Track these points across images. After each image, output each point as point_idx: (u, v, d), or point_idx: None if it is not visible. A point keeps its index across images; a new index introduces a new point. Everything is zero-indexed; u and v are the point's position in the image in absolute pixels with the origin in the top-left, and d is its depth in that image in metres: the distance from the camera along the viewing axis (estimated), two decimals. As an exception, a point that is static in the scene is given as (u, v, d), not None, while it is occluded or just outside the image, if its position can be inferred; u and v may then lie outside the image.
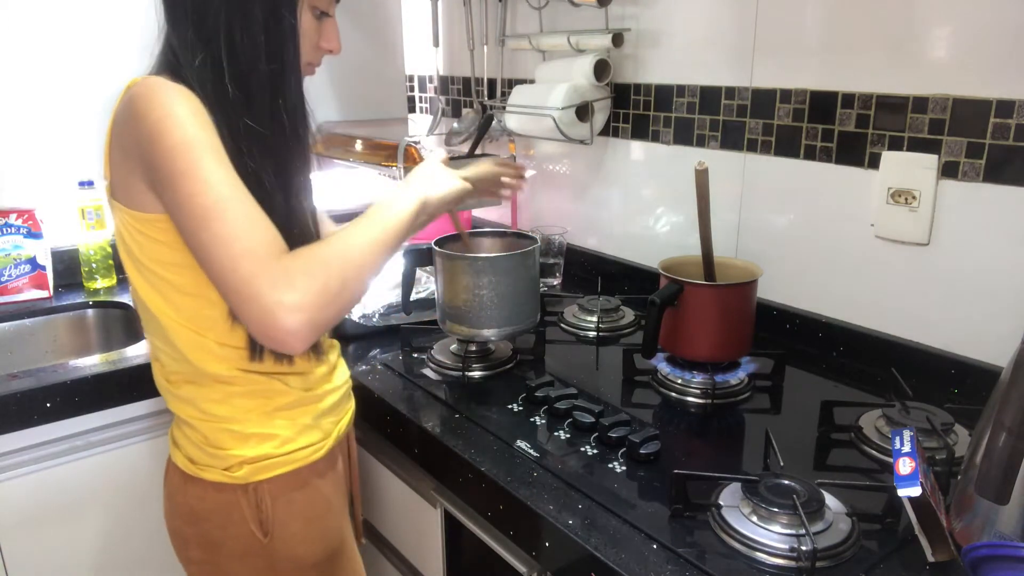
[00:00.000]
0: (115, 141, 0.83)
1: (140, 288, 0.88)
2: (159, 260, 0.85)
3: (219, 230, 0.75)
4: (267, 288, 0.74)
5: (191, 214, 0.76)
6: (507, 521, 0.94)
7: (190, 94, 0.80)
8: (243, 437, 0.92)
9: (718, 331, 1.13)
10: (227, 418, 0.92)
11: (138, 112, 0.78)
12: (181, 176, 0.76)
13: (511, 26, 1.77)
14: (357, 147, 1.81)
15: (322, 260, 0.79)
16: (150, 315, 0.89)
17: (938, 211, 1.11)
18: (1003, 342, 0.88)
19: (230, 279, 0.75)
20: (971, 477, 0.76)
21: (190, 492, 0.94)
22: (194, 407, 0.92)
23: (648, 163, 1.54)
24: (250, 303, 0.75)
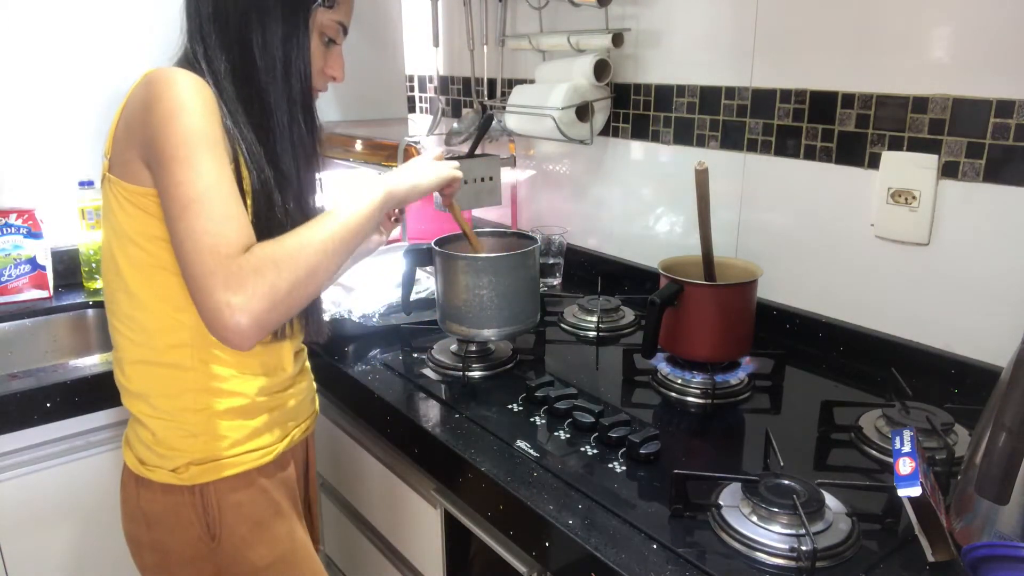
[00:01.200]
0: (123, 119, 0.86)
1: (121, 261, 0.89)
2: (146, 233, 0.86)
3: (193, 222, 0.79)
4: (220, 286, 0.77)
5: (175, 201, 0.80)
6: (507, 521, 0.94)
7: (207, 87, 0.84)
8: (191, 435, 0.92)
9: (718, 331, 1.13)
10: (178, 413, 0.92)
11: (154, 93, 0.81)
12: (176, 162, 0.80)
13: (511, 26, 1.77)
14: (357, 147, 1.81)
15: (274, 260, 0.81)
16: (125, 290, 0.89)
17: (938, 211, 1.11)
18: (1003, 342, 0.88)
19: (191, 271, 0.79)
20: (971, 477, 0.76)
21: (142, 495, 0.94)
22: (146, 402, 0.92)
23: (648, 163, 1.54)
24: (203, 298, 0.78)
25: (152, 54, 1.69)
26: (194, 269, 0.78)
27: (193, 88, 0.83)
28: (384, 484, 1.27)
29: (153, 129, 0.81)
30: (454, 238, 1.30)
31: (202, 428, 0.92)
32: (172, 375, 0.91)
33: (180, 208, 0.80)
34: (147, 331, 0.90)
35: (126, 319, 0.91)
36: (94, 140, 1.69)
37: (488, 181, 1.62)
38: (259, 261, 0.80)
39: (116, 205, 0.87)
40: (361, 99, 2.08)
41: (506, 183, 1.84)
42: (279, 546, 1.00)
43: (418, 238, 1.70)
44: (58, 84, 1.64)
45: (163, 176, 0.81)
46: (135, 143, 0.84)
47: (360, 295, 1.39)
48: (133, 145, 0.84)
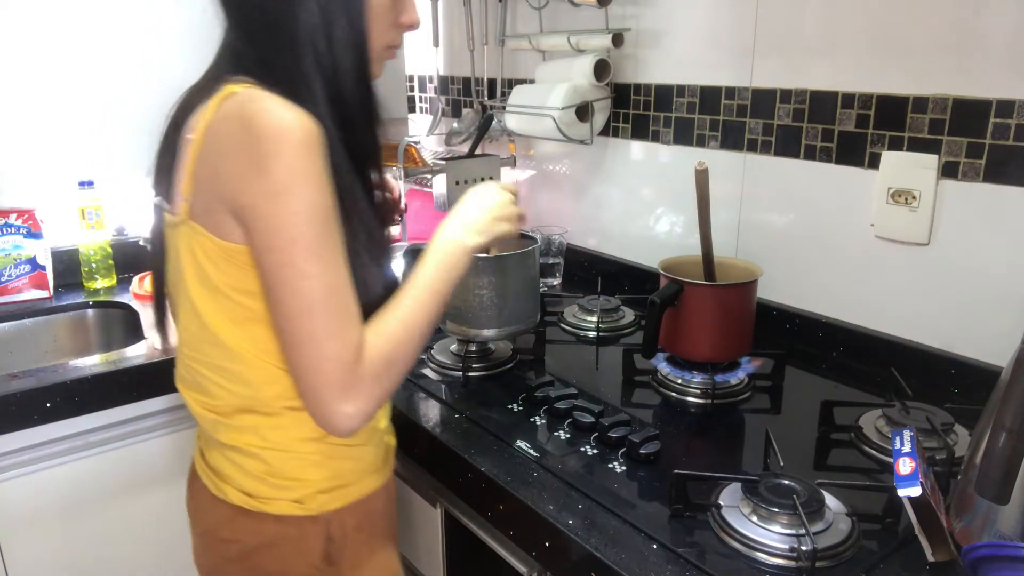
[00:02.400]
0: (209, 161, 0.74)
1: (208, 314, 0.80)
2: (242, 288, 0.78)
3: (317, 325, 0.72)
4: (338, 397, 0.74)
5: (295, 295, 0.72)
6: (507, 521, 0.94)
7: (316, 130, 0.72)
8: (314, 464, 0.86)
9: (718, 331, 1.13)
10: (296, 444, 0.85)
11: (264, 151, 0.70)
12: (296, 248, 0.71)
13: (511, 26, 1.77)
14: (357, 147, 1.81)
15: (388, 361, 0.77)
16: (214, 342, 0.81)
17: (938, 211, 1.11)
18: (1003, 342, 0.87)
19: (307, 375, 0.74)
20: (971, 477, 0.76)
21: (241, 527, 0.87)
22: (257, 435, 0.84)
23: (648, 163, 1.54)
24: (317, 404, 0.74)
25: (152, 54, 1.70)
26: (312, 376, 0.73)
27: (311, 144, 0.71)
28: (384, 484, 1.27)
29: (263, 199, 0.70)
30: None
31: (325, 456, 0.86)
32: (285, 414, 0.84)
33: (302, 306, 0.72)
34: (249, 384, 0.82)
35: (219, 370, 0.83)
36: (94, 140, 1.69)
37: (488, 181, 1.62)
38: (377, 366, 0.76)
39: (203, 256, 0.78)
40: (361, 99, 2.08)
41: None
42: (388, 564, 0.98)
43: (418, 238, 1.70)
44: (58, 84, 1.64)
45: (276, 258, 0.72)
46: (225, 195, 0.73)
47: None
48: (222, 197, 0.73)
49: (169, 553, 1.00)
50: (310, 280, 0.72)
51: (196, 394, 0.87)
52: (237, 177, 0.71)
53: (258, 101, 0.72)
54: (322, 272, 0.72)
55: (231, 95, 0.73)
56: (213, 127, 0.74)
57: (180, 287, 0.82)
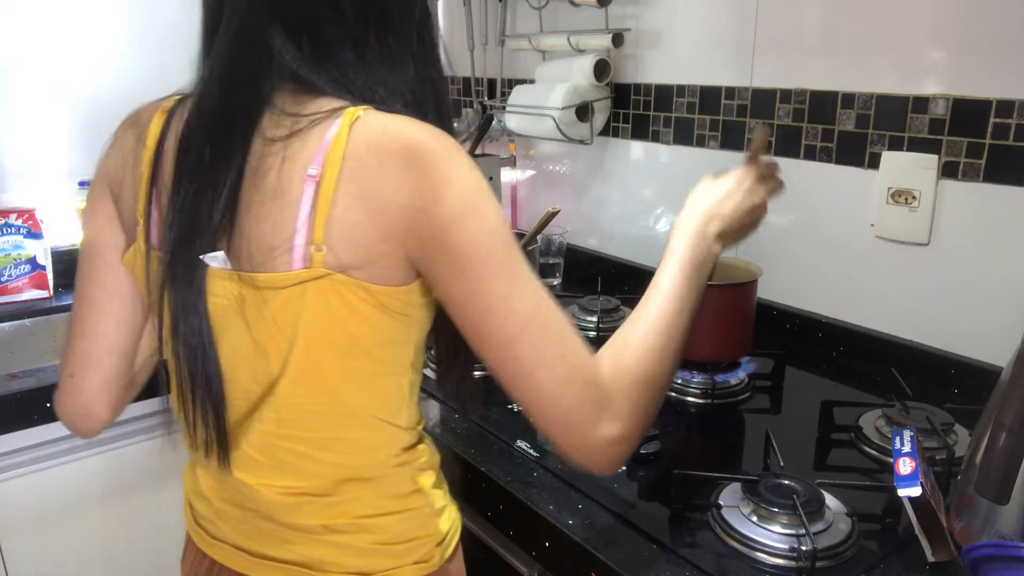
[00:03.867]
0: (357, 197, 0.63)
1: (337, 379, 0.69)
2: (384, 340, 0.69)
3: (537, 346, 0.63)
4: (591, 420, 0.64)
5: (503, 323, 0.64)
6: (507, 521, 0.94)
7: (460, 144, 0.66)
8: (430, 517, 0.77)
9: (718, 331, 1.13)
10: (414, 504, 0.76)
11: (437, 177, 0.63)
12: (490, 271, 0.63)
13: (511, 26, 1.77)
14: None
15: (642, 373, 0.67)
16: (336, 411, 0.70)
17: (938, 211, 1.11)
18: (1003, 342, 0.87)
19: (550, 405, 0.64)
20: (971, 477, 0.76)
21: None
22: (363, 504, 0.74)
23: (648, 163, 1.54)
24: (575, 435, 0.64)
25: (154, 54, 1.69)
26: (555, 405, 0.63)
27: (472, 162, 0.65)
28: (384, 484, 1.27)
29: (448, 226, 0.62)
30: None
31: (436, 505, 0.79)
32: (395, 472, 0.75)
33: (514, 330, 0.63)
34: (366, 450, 0.73)
35: (327, 442, 0.71)
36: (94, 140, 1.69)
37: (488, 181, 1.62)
38: (625, 382, 0.66)
39: (347, 313, 0.65)
40: (361, 99, 2.08)
41: (506, 183, 1.84)
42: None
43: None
44: (58, 84, 1.63)
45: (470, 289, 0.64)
46: (398, 235, 0.64)
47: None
48: (391, 236, 0.64)
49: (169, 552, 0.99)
50: (513, 301, 0.64)
51: (274, 479, 0.72)
52: (412, 211, 0.63)
53: (406, 126, 0.64)
54: (522, 291, 0.64)
55: (359, 121, 0.63)
56: (352, 161, 0.63)
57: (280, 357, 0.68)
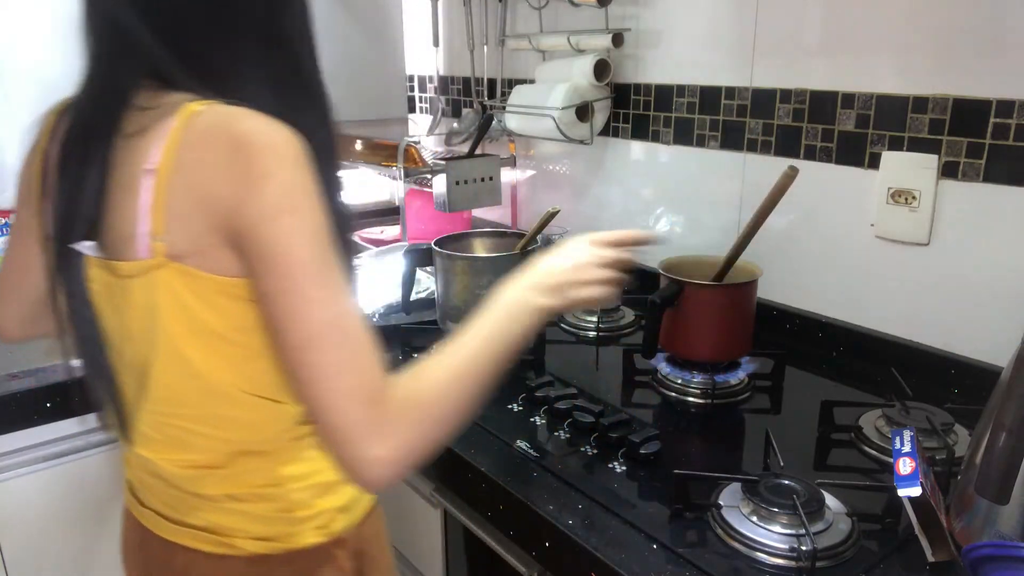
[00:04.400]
0: (187, 190, 0.66)
1: (203, 362, 0.71)
2: (241, 326, 0.70)
3: (328, 356, 0.64)
4: (363, 438, 0.64)
5: (301, 322, 0.64)
6: (507, 521, 0.94)
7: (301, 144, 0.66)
8: (331, 486, 0.81)
9: (718, 331, 1.13)
10: (311, 472, 0.79)
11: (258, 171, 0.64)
12: (300, 271, 0.64)
13: (511, 26, 1.77)
14: (357, 147, 1.81)
15: (428, 408, 0.69)
16: (206, 390, 0.73)
17: (938, 211, 1.11)
18: (1003, 342, 0.87)
19: (327, 415, 0.65)
20: (971, 477, 0.76)
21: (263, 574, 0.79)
22: (265, 475, 0.77)
23: (648, 163, 1.54)
24: (341, 446, 0.65)
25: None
26: (332, 416, 0.64)
27: (301, 159, 0.65)
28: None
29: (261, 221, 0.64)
30: (454, 238, 1.30)
31: (334, 475, 0.81)
32: (286, 447, 0.78)
33: (310, 335, 0.64)
34: (248, 426, 0.76)
35: (210, 419, 0.75)
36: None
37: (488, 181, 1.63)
38: (409, 408, 0.67)
39: (193, 299, 0.68)
40: (361, 99, 2.08)
41: (506, 183, 1.84)
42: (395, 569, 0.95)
43: (418, 238, 1.70)
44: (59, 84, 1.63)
45: (279, 284, 0.65)
46: (217, 224, 0.65)
47: (360, 295, 1.39)
48: (215, 227, 0.65)
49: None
50: (317, 307, 0.65)
51: (175, 453, 0.77)
52: (231, 202, 0.64)
53: (239, 118, 0.65)
54: (328, 298, 0.65)
55: (196, 114, 0.65)
56: (186, 152, 0.65)
57: (147, 342, 0.72)
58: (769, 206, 1.03)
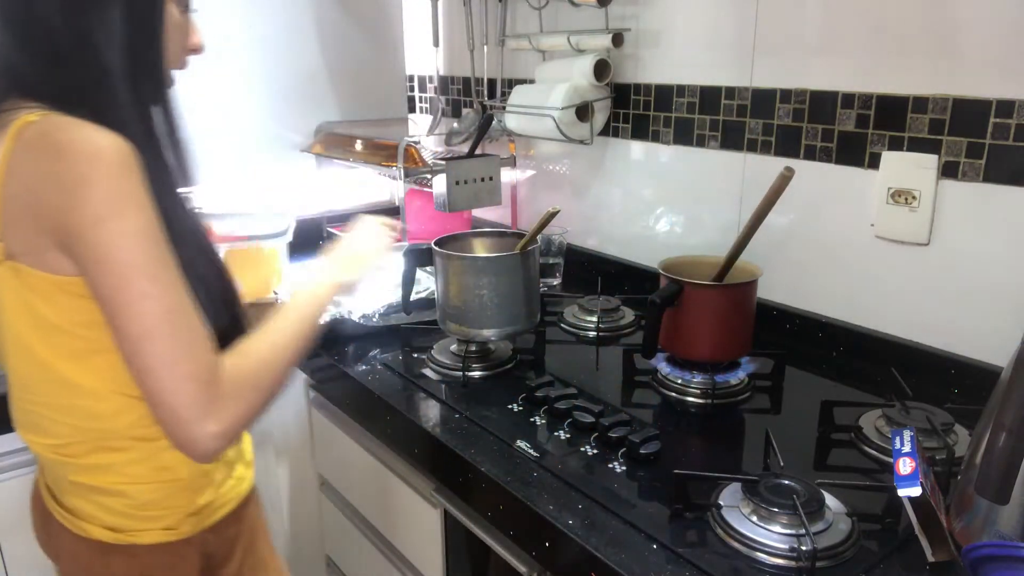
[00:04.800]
0: (17, 197, 0.71)
1: (46, 354, 0.78)
2: (80, 321, 0.76)
3: (164, 346, 0.71)
4: (200, 417, 0.72)
5: (136, 318, 0.71)
6: (507, 521, 0.94)
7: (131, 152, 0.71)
8: (180, 490, 0.87)
9: (718, 331, 1.13)
10: (159, 476, 0.85)
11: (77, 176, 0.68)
12: (130, 271, 0.70)
13: (511, 26, 1.77)
14: (357, 147, 1.81)
15: (254, 381, 0.78)
16: (57, 380, 0.79)
17: (938, 211, 1.11)
18: (1003, 342, 0.87)
19: (165, 398, 0.72)
20: (971, 477, 0.76)
21: (113, 562, 0.86)
22: (115, 472, 0.84)
23: (648, 163, 1.54)
24: (177, 426, 0.72)
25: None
26: (169, 399, 0.71)
27: (128, 166, 0.70)
28: (384, 484, 1.27)
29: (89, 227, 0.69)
30: (454, 238, 1.30)
31: (188, 480, 0.87)
32: (141, 445, 0.84)
33: (146, 328, 0.70)
34: (98, 417, 0.81)
35: (62, 408, 0.81)
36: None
37: (488, 181, 1.63)
38: (238, 385, 0.76)
39: (32, 295, 0.75)
40: (361, 99, 2.08)
41: (506, 183, 1.84)
42: (266, 566, 1.03)
43: (418, 238, 1.70)
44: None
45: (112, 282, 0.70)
46: (47, 229, 0.71)
47: (360, 295, 1.39)
48: (44, 231, 0.71)
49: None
50: (150, 301, 0.70)
51: (37, 436, 0.85)
52: (57, 209, 0.69)
53: (66, 128, 0.70)
54: (161, 292, 0.71)
55: (28, 124, 0.70)
56: (16, 162, 0.71)
57: (3, 332, 0.80)
58: (766, 207, 1.04)
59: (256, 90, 1.88)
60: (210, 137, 1.80)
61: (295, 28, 1.89)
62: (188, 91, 1.43)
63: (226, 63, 1.81)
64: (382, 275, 1.07)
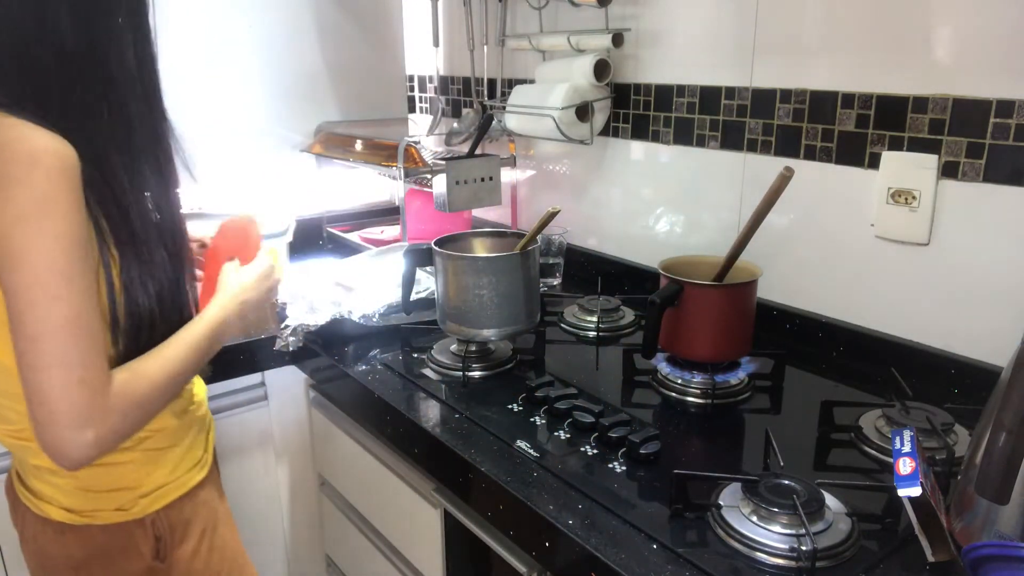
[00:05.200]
0: None
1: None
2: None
3: (62, 348, 0.72)
4: (81, 423, 0.73)
5: (40, 314, 0.72)
6: (507, 521, 0.94)
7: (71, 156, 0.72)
8: (132, 471, 0.90)
9: (718, 331, 1.13)
10: (111, 457, 0.88)
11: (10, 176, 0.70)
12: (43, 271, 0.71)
13: (511, 26, 1.77)
14: (357, 147, 1.81)
15: (140, 400, 0.80)
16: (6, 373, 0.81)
17: (938, 211, 1.11)
18: (1003, 342, 0.87)
19: (50, 399, 0.73)
20: (971, 477, 0.76)
21: (69, 541, 0.90)
22: None
23: (648, 163, 1.54)
24: (51, 428, 0.73)
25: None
26: (54, 401, 0.72)
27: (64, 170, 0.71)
28: (384, 484, 1.27)
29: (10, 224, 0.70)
30: (454, 238, 1.30)
31: (140, 464, 0.91)
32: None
33: (47, 328, 0.72)
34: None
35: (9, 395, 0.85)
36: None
37: (488, 181, 1.63)
38: (125, 402, 0.78)
39: None
40: (361, 99, 2.08)
41: (506, 183, 1.84)
42: (223, 552, 1.03)
43: (418, 238, 1.70)
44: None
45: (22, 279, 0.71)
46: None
47: (360, 295, 1.39)
48: None
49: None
50: (60, 304, 0.72)
51: (2, 424, 0.88)
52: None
53: (7, 128, 0.71)
54: (70, 296, 0.72)
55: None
56: None
57: None
58: (766, 207, 1.04)
59: (256, 90, 1.88)
60: (210, 137, 1.81)
61: (295, 28, 1.89)
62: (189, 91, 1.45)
63: (226, 63, 1.81)
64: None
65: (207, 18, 1.77)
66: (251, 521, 1.47)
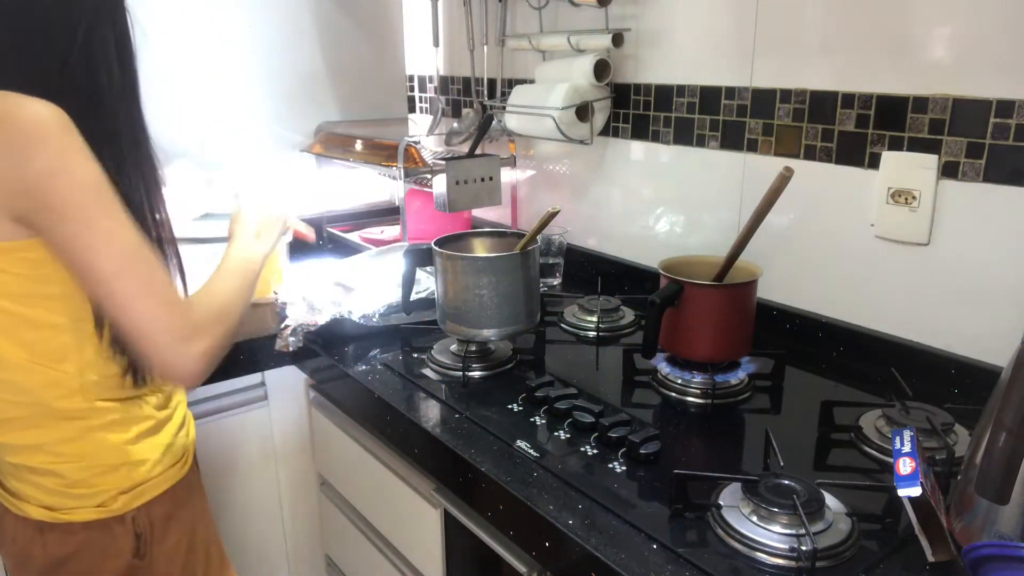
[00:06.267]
0: None
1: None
2: (12, 294, 0.81)
3: (136, 281, 0.78)
4: (183, 340, 0.81)
5: (107, 259, 0.77)
6: (507, 521, 0.94)
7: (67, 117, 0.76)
8: (111, 469, 0.91)
9: (718, 331, 1.13)
10: (89, 454, 0.90)
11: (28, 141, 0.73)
12: (89, 213, 0.76)
13: (511, 26, 1.77)
14: (357, 147, 1.81)
15: (217, 316, 0.87)
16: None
17: (938, 211, 1.11)
18: (1003, 342, 0.87)
19: (148, 327, 0.79)
20: (971, 477, 0.76)
21: (48, 540, 0.91)
22: (46, 452, 0.88)
23: (648, 163, 1.54)
24: (164, 350, 0.80)
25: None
26: (152, 326, 0.79)
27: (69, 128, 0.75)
28: (384, 484, 1.27)
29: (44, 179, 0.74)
30: (454, 238, 1.30)
31: (120, 459, 0.92)
32: (69, 423, 0.88)
33: (115, 266, 0.77)
34: (27, 390, 0.86)
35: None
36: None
37: (488, 181, 1.63)
38: (208, 315, 0.86)
39: None
40: (361, 99, 2.08)
41: (506, 183, 1.84)
42: (207, 549, 1.04)
43: (418, 238, 1.70)
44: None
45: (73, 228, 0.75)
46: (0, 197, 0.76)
47: (360, 295, 1.39)
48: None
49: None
50: (117, 240, 0.77)
51: None
52: (8, 170, 0.74)
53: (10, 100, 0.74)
54: (123, 231, 0.77)
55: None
56: None
57: None
58: (766, 207, 1.04)
59: (256, 90, 1.88)
60: (210, 137, 1.81)
61: (295, 28, 1.89)
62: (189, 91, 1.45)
63: (226, 63, 1.81)
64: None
65: (207, 18, 1.77)
66: (251, 521, 1.47)
